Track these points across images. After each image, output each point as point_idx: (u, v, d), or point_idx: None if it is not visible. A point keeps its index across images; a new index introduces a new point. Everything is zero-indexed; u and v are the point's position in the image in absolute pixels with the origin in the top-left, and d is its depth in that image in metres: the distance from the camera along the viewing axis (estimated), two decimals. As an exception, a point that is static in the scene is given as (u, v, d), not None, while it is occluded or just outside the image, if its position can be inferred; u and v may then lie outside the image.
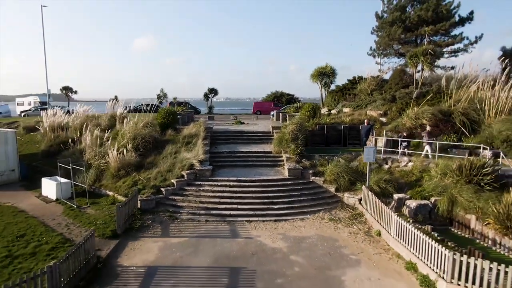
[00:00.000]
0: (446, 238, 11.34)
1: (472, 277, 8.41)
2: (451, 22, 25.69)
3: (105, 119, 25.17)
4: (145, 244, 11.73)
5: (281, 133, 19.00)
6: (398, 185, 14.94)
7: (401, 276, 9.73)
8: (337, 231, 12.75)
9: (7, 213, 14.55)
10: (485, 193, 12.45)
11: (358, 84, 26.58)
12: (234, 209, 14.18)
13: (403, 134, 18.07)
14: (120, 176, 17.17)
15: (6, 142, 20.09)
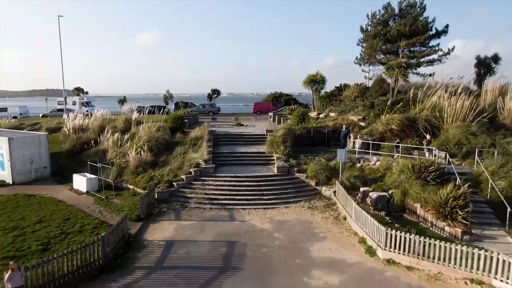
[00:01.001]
0: (398, 222, 14.68)
1: (398, 245, 11.86)
2: (425, 36, 28.95)
3: (121, 122, 28.60)
4: (163, 225, 15.24)
5: (272, 136, 22.43)
6: (365, 180, 18.34)
7: (353, 247, 13.19)
8: (312, 216, 16.22)
9: (49, 203, 18.08)
10: (430, 187, 15.77)
11: (344, 91, 29.98)
12: (232, 199, 17.68)
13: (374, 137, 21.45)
14: (138, 173, 20.69)
15: (40, 143, 23.61)
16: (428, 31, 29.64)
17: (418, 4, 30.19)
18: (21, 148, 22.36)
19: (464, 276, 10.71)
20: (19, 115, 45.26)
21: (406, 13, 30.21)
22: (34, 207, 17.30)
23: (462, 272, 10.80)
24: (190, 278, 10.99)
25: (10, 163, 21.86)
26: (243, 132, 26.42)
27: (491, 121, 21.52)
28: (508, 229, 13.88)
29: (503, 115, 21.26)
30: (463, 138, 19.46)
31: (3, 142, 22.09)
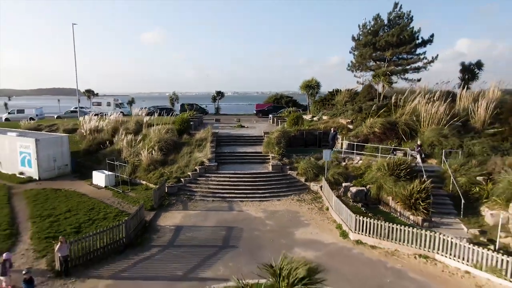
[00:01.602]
0: (373, 212, 17.39)
1: (365, 229, 14.56)
2: (411, 46, 31.51)
3: (132, 124, 31.41)
4: (173, 214, 18.04)
5: (268, 138, 25.14)
6: (348, 177, 21.01)
7: (331, 232, 15.91)
8: (300, 207, 18.95)
9: (74, 195, 20.92)
10: (400, 182, 18.38)
11: (336, 95, 32.62)
12: (232, 193, 20.44)
13: (359, 138, 24.11)
14: (150, 170, 23.50)
15: (62, 144, 26.48)
16: (415, 40, 32.21)
17: (406, 16, 32.78)
18: (46, 148, 25.21)
19: (414, 252, 13.41)
20: (36, 116, 48.25)
21: (394, 23, 32.79)
22: (62, 199, 20.15)
23: (413, 249, 13.50)
24: (196, 253, 13.78)
25: (36, 161, 24.74)
26: (243, 133, 29.14)
27: (464, 124, 24.10)
28: (462, 217, 16.51)
29: (474, 119, 23.80)
30: (436, 140, 22.05)
31: (31, 143, 24.96)
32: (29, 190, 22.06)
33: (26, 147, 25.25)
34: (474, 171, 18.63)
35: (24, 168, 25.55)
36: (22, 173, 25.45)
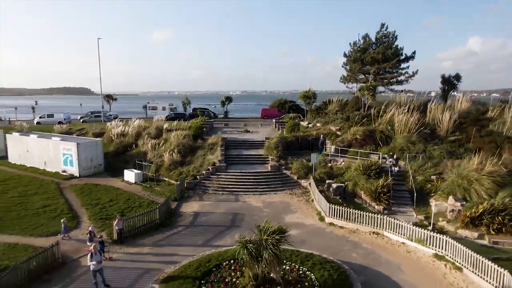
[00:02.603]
0: (349, 203, 22.17)
1: (336, 214, 19.50)
2: (393, 62, 36.28)
3: (153, 129, 36.60)
4: (191, 204, 23.17)
5: (269, 143, 30.15)
6: (332, 175, 25.89)
7: (312, 217, 20.87)
8: (291, 199, 23.95)
9: (111, 189, 26.13)
10: (371, 180, 23.23)
11: (328, 105, 37.49)
12: (237, 188, 25.51)
13: (344, 143, 28.97)
14: (171, 169, 28.65)
15: (97, 147, 31.77)
16: (398, 57, 36.94)
17: (391, 35, 37.52)
18: (84, 150, 30.51)
19: (370, 230, 18.33)
20: (64, 120, 53.89)
21: (381, 42, 37.57)
22: (103, 192, 25.41)
23: (369, 228, 18.43)
24: (210, 230, 18.87)
25: (77, 161, 30.07)
26: (248, 138, 34.16)
27: (432, 132, 28.85)
28: (414, 207, 21.31)
29: (440, 128, 28.54)
30: (405, 145, 26.81)
31: (73, 146, 30.26)
32: (74, 185, 27.37)
33: (68, 149, 30.57)
34: (429, 171, 23.44)
35: (66, 167, 30.86)
36: (64, 171, 30.76)
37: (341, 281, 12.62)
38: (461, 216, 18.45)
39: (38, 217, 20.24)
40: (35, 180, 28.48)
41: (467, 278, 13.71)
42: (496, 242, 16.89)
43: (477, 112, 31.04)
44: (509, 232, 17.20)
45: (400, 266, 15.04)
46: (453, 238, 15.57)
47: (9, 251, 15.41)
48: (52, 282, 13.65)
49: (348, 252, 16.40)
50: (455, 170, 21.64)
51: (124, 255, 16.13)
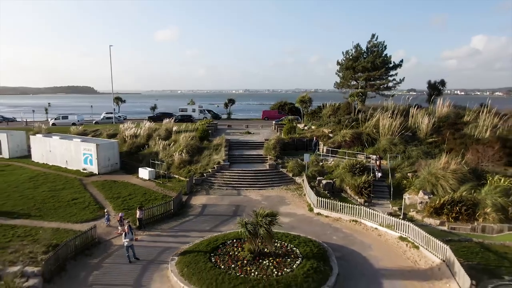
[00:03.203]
0: (336, 197, 25.72)
1: (323, 205, 23.04)
2: (381, 71, 39.77)
3: (163, 131, 40.22)
4: (199, 197, 26.77)
5: (267, 144, 33.71)
6: (323, 173, 29.39)
7: (303, 208, 24.42)
8: (286, 194, 27.50)
9: (128, 185, 29.73)
10: (355, 177, 26.74)
11: (323, 109, 40.99)
12: (240, 184, 29.08)
13: (334, 145, 32.46)
14: (180, 167, 32.23)
15: (113, 147, 35.40)
16: (386, 65, 40.41)
17: (380, 45, 40.97)
18: (103, 150, 34.15)
19: (350, 219, 21.86)
20: (77, 122, 57.70)
21: (371, 51, 41.04)
22: (121, 187, 29.02)
23: (349, 217, 21.96)
24: (216, 218, 22.47)
25: (97, 160, 33.71)
26: (249, 140, 37.73)
27: (413, 134, 32.34)
28: (391, 200, 24.81)
29: (420, 131, 32.01)
30: (388, 147, 30.31)
31: (92, 146, 33.88)
32: (95, 181, 30.99)
33: (88, 149, 34.21)
34: (406, 169, 26.95)
35: (86, 165, 34.51)
36: (84, 169, 34.40)
37: (319, 254, 16.14)
38: (427, 207, 21.96)
39: (71, 208, 23.88)
40: (60, 177, 32.10)
41: (421, 253, 17.25)
42: (453, 228, 20.42)
43: (455, 116, 34.48)
44: (465, 219, 20.70)
45: (371, 246, 18.58)
46: (417, 224, 19.09)
47: (55, 234, 19.02)
48: (93, 256, 17.30)
49: (329, 235, 19.95)
50: (427, 168, 25.12)
51: (146, 237, 19.76)
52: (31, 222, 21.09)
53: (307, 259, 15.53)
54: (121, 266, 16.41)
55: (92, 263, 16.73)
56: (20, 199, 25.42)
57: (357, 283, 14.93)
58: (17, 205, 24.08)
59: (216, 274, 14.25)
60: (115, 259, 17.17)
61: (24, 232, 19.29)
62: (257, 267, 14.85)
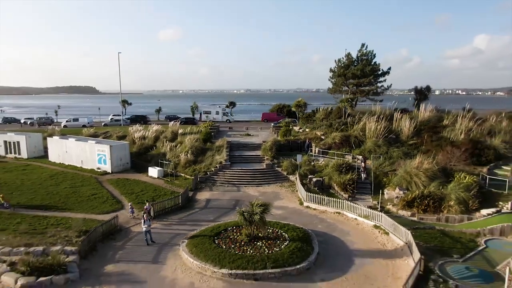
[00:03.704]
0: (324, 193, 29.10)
1: (311, 199, 26.50)
2: (370, 78, 43.22)
3: (169, 134, 43.73)
4: (204, 193, 30.27)
5: (264, 145, 37.18)
6: (314, 171, 32.81)
7: (295, 202, 27.89)
8: (280, 190, 30.97)
9: (139, 182, 33.21)
10: (342, 175, 30.18)
11: (316, 113, 44.45)
12: (239, 181, 32.56)
13: (325, 146, 35.89)
14: (186, 167, 35.71)
15: (125, 148, 38.90)
16: (375, 72, 43.87)
17: (370, 53, 44.44)
18: (116, 151, 37.65)
19: (334, 211, 25.31)
20: (87, 124, 61.35)
21: (361, 60, 44.50)
22: (133, 184, 32.51)
23: (333, 209, 25.41)
24: (219, 211, 25.95)
25: (110, 160, 37.20)
26: (248, 142, 41.22)
27: (397, 137, 35.75)
28: (372, 195, 28.23)
29: (402, 134, 35.44)
30: (372, 148, 33.72)
31: (106, 148, 37.37)
32: (109, 179, 34.49)
33: (102, 150, 37.72)
34: (387, 168, 30.38)
35: (100, 165, 38.02)
36: (99, 168, 37.89)
37: (304, 238, 19.57)
38: (401, 201, 25.41)
39: (92, 201, 27.40)
40: (77, 175, 35.61)
41: (390, 238, 20.71)
42: (422, 218, 23.86)
43: (436, 120, 37.89)
44: (432, 211, 24.16)
45: (349, 232, 22.04)
46: (391, 216, 22.60)
47: (83, 222, 22.48)
48: (116, 240, 20.81)
49: (315, 224, 23.40)
50: (404, 167, 28.55)
51: (159, 225, 23.25)
52: (60, 213, 24.62)
53: (294, 241, 18.99)
54: (141, 247, 19.90)
55: (116, 245, 20.25)
56: (46, 195, 28.94)
57: (333, 260, 18.38)
58: (45, 200, 27.62)
59: (218, 252, 17.74)
60: (135, 242, 20.66)
61: (56, 221, 22.82)
62: (252, 247, 18.34)
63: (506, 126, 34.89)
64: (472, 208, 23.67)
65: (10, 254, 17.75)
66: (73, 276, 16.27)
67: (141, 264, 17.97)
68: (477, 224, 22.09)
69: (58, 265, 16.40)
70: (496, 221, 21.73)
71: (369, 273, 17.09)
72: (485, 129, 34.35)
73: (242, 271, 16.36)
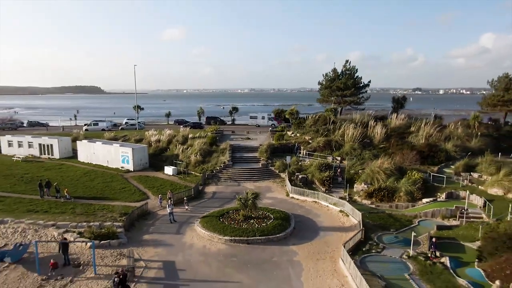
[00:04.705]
0: (308, 187, 36.46)
1: (295, 192, 33.87)
2: (352, 91, 50.51)
3: (180, 138, 51.21)
4: (210, 187, 37.74)
5: (261, 148, 44.57)
6: (300, 170, 40.12)
7: (283, 194, 35.29)
8: (272, 184, 38.37)
9: (158, 179, 40.66)
10: (322, 172, 37.43)
11: (306, 120, 51.74)
12: (239, 178, 39.99)
13: (311, 149, 43.17)
14: (195, 166, 43.16)
15: (144, 150, 46.40)
16: (357, 85, 51.16)
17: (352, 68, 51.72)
18: (137, 153, 45.14)
19: (312, 200, 32.67)
20: (106, 128, 69.00)
21: (345, 74, 51.78)
22: (153, 180, 39.97)
23: (311, 199, 32.76)
24: (223, 200, 33.38)
25: (132, 160, 44.67)
26: (248, 144, 48.61)
27: (371, 141, 42.99)
28: (345, 189, 35.46)
29: (375, 139, 42.69)
30: (349, 151, 41.00)
31: (129, 150, 44.84)
32: (132, 176, 41.96)
33: (125, 152, 45.22)
34: (358, 167, 37.65)
35: (123, 164, 45.49)
36: (122, 167, 45.36)
37: (285, 218, 26.91)
38: (364, 193, 32.70)
39: (123, 193, 34.91)
40: (105, 173, 43.12)
41: (349, 219, 28.03)
42: (378, 205, 31.15)
43: (405, 127, 45.09)
44: (386, 200, 31.42)
45: (320, 215, 29.39)
46: (354, 204, 29.90)
47: (121, 207, 29.89)
48: (148, 219, 28.34)
49: (296, 209, 30.75)
50: (370, 166, 35.83)
51: (178, 210, 30.60)
52: (101, 202, 32.13)
53: (277, 220, 26.41)
54: (166, 224, 27.41)
55: (148, 223, 27.78)
56: (85, 188, 36.48)
57: (304, 233, 25.75)
58: (86, 192, 35.14)
59: (222, 226, 25.21)
60: (161, 221, 28.16)
61: (100, 207, 30.33)
62: (246, 223, 25.77)
63: (461, 132, 42.02)
64: (417, 198, 30.93)
65: (76, 227, 25.32)
66: (123, 241, 23.83)
67: (168, 235, 25.47)
68: (417, 209, 29.41)
69: (112, 234, 23.93)
70: (431, 207, 29.04)
71: (328, 241, 24.47)
72: (443, 135, 41.48)
73: (239, 237, 23.84)
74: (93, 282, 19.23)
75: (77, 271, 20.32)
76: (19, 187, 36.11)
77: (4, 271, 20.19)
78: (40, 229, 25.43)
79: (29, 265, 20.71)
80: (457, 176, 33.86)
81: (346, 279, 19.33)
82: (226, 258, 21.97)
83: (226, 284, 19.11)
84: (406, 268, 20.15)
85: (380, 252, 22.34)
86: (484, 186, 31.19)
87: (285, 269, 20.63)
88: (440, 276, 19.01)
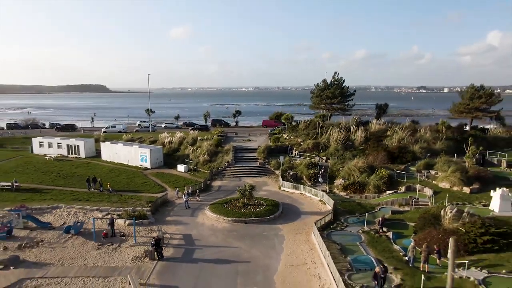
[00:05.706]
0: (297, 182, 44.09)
1: (286, 186, 41.57)
2: (339, 99, 58.03)
3: (190, 139, 59.03)
4: (217, 182, 45.56)
5: (259, 149, 52.26)
6: (292, 167, 47.77)
7: (276, 187, 43.00)
8: (268, 180, 46.08)
9: (172, 175, 48.45)
10: (309, 169, 45.04)
11: (299, 124, 59.33)
12: (241, 174, 47.74)
13: (302, 150, 50.79)
14: (204, 164, 50.93)
15: (159, 151, 54.21)
16: (344, 93, 58.68)
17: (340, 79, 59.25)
18: (154, 153, 52.95)
19: (299, 192, 40.34)
20: (122, 130, 76.96)
21: (334, 84, 59.32)
22: (168, 176, 47.78)
23: (298, 191, 40.45)
24: (227, 192, 41.14)
25: (150, 159, 52.47)
26: (248, 146, 56.32)
27: (353, 143, 50.55)
28: (328, 184, 43.04)
29: (356, 141, 50.25)
30: (333, 152, 48.54)
31: (147, 151, 52.65)
32: (150, 172, 49.80)
33: (144, 152, 53.07)
34: (339, 166, 45.23)
35: (142, 163, 53.31)
36: (141, 165, 53.21)
37: (275, 205, 34.64)
38: (341, 187, 40.32)
39: (145, 186, 42.77)
40: (127, 170, 51.00)
41: (325, 206, 35.69)
42: (351, 196, 38.74)
43: (382, 131, 52.56)
44: (358, 192, 38.96)
45: (304, 204, 37.07)
46: (332, 195, 37.53)
47: (147, 197, 37.68)
48: (168, 206, 36.22)
49: (285, 199, 38.41)
50: (348, 165, 43.42)
51: (191, 199, 38.44)
52: (129, 193, 40.02)
53: (268, 206, 34.18)
54: (183, 210, 35.26)
55: (168, 209, 35.66)
56: (113, 183, 44.31)
57: (289, 216, 33.43)
58: (114, 186, 42.95)
59: (226, 210, 33.06)
60: (179, 208, 36.00)
61: (129, 197, 38.22)
62: (245, 209, 33.57)
63: (429, 136, 49.47)
64: (382, 190, 38.46)
65: (115, 211, 33.23)
66: (152, 220, 31.75)
67: (185, 217, 33.33)
68: (380, 199, 36.99)
69: (143, 215, 31.84)
70: (391, 197, 36.60)
71: (306, 222, 32.15)
72: (414, 138, 48.95)
73: (238, 218, 31.69)
74: (135, 247, 27.07)
75: (122, 240, 28.23)
76: (59, 181, 44.15)
77: (70, 239, 28.16)
78: (87, 212, 33.39)
79: (86, 236, 28.66)
80: (418, 173, 41.29)
81: (314, 245, 27.04)
82: (229, 232, 29.79)
83: (229, 248, 26.91)
84: (359, 238, 27.77)
85: (343, 229, 29.93)
86: (436, 181, 38.64)
87: (272, 240, 28.41)
88: (382, 244, 26.60)
